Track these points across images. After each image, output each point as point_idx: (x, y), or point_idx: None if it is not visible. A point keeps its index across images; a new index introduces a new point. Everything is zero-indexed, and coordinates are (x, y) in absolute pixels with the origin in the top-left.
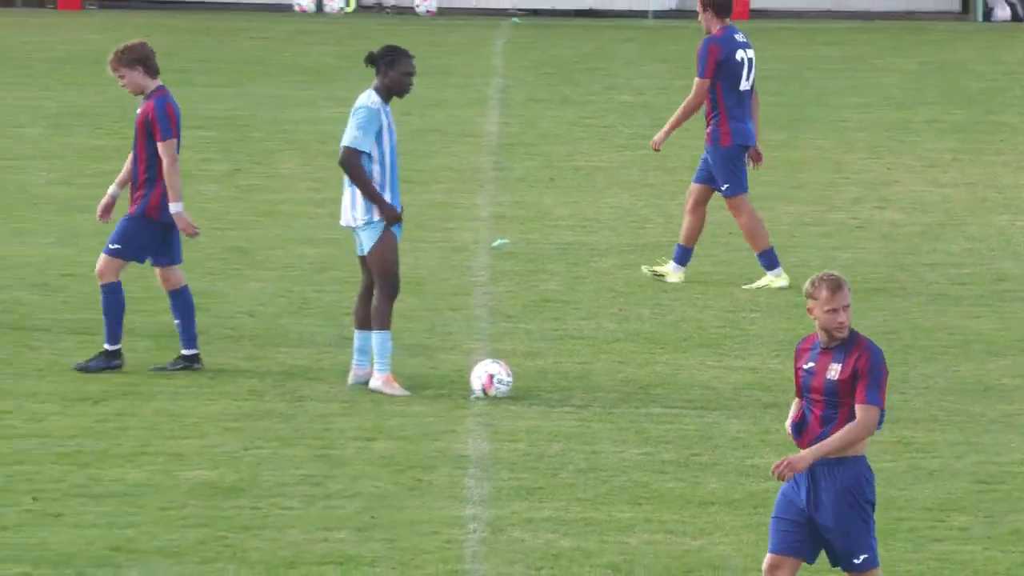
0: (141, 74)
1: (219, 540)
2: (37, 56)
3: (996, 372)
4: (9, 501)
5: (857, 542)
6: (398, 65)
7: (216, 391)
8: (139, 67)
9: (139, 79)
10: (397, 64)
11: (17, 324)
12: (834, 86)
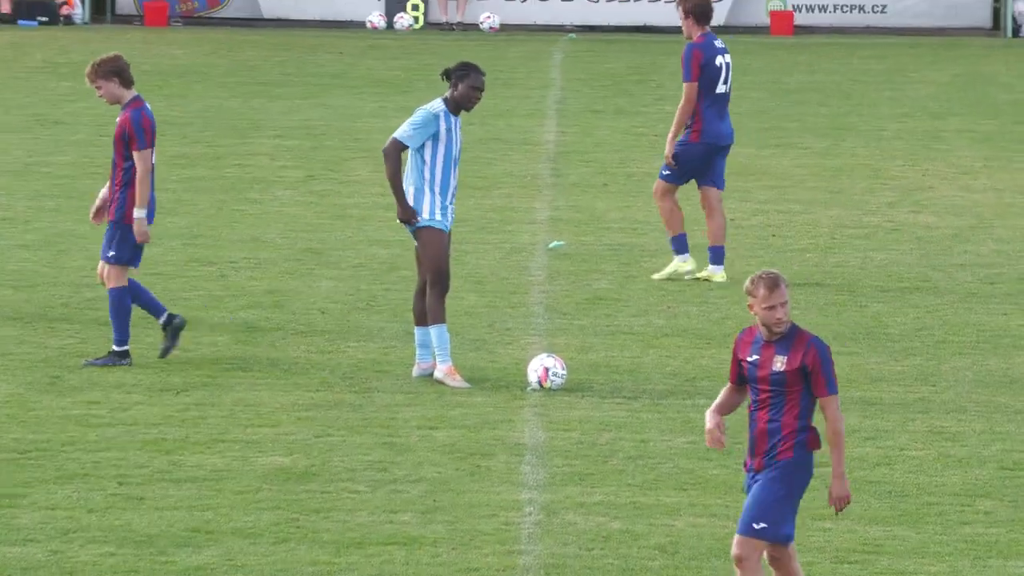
0: (117, 85)
1: (291, 522)
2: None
3: (1022, 366)
4: (96, 485)
5: (762, 509)
6: (467, 79)
7: (290, 382)
8: (115, 79)
9: (115, 90)
10: (467, 78)
11: (104, 320)
12: (873, 97)
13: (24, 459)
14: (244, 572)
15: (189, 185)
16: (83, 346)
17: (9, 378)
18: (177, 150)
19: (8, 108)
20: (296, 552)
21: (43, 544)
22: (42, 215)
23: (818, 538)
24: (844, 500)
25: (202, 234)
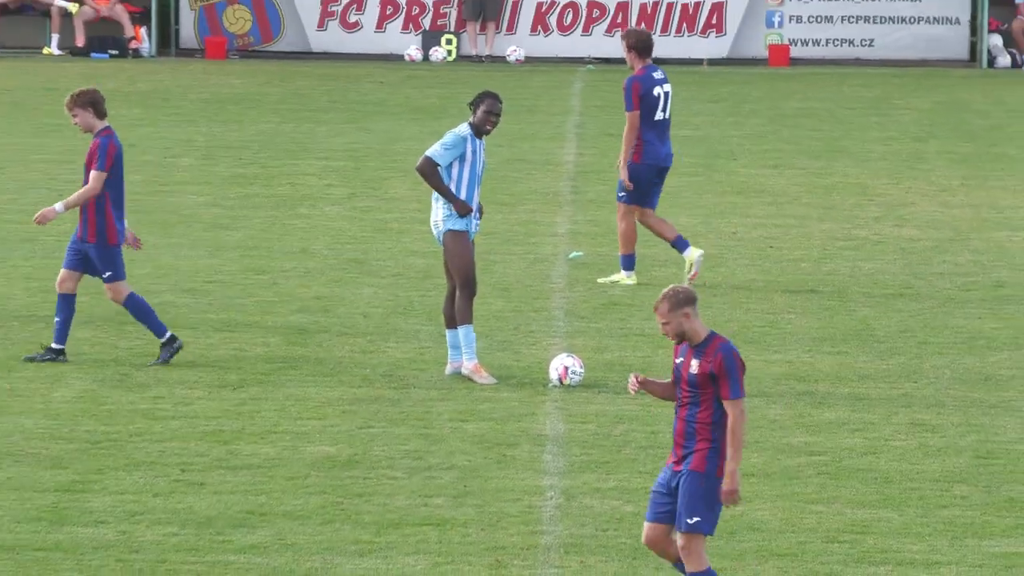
0: (91, 115)
1: (336, 505)
2: (189, 97)
3: (995, 364)
4: (161, 472)
5: (694, 508)
6: (483, 105)
7: (335, 379)
8: (90, 108)
9: (89, 119)
10: (482, 104)
11: (169, 323)
12: (861, 122)
13: (96, 449)
14: (294, 550)
15: (244, 202)
16: (149, 347)
17: (83, 375)
18: (233, 171)
19: (82, 135)
20: (340, 532)
21: (113, 525)
22: None
23: (810, 520)
24: (730, 495)
25: (256, 246)
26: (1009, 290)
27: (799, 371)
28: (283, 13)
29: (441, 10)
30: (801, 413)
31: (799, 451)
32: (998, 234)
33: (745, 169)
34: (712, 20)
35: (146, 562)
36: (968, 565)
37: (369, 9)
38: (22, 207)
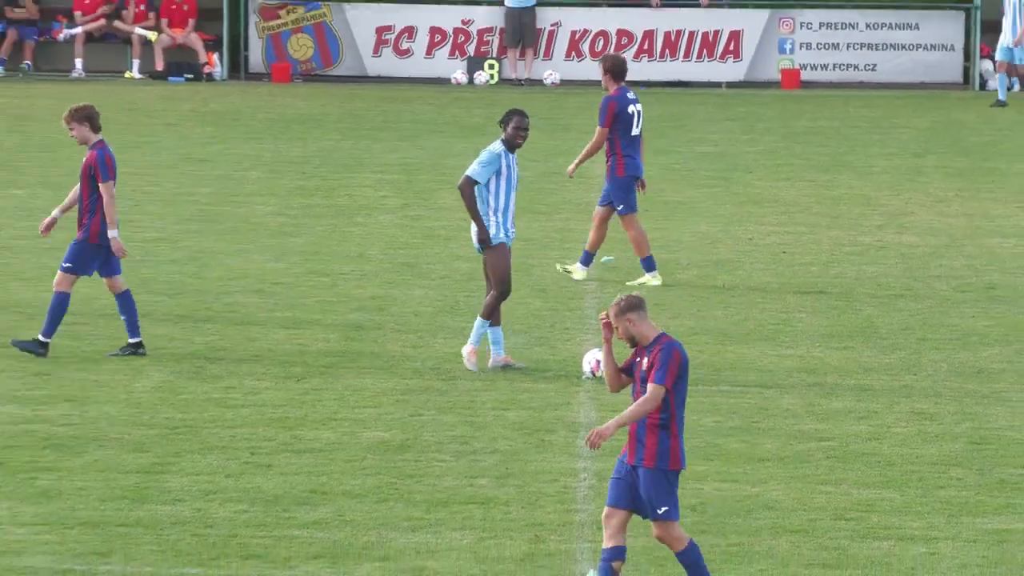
0: (87, 129)
1: (390, 485)
2: (257, 117)
3: (987, 359)
4: (232, 455)
5: (659, 498)
6: (512, 122)
7: (389, 371)
8: (86, 123)
9: (85, 132)
10: (511, 122)
11: (239, 321)
12: (865, 140)
13: (174, 434)
14: (352, 526)
15: (307, 211)
16: (222, 342)
17: (162, 368)
18: (297, 183)
19: (160, 149)
20: (394, 509)
21: (189, 503)
22: (188, 236)
23: (820, 499)
24: (598, 435)
25: (317, 251)
26: (1000, 291)
27: (809, 364)
28: (342, 41)
29: (484, 38)
30: (811, 403)
31: (809, 437)
32: (990, 241)
33: (760, 181)
34: (730, 47)
35: (219, 536)
36: (963, 540)
37: (419, 37)
38: None
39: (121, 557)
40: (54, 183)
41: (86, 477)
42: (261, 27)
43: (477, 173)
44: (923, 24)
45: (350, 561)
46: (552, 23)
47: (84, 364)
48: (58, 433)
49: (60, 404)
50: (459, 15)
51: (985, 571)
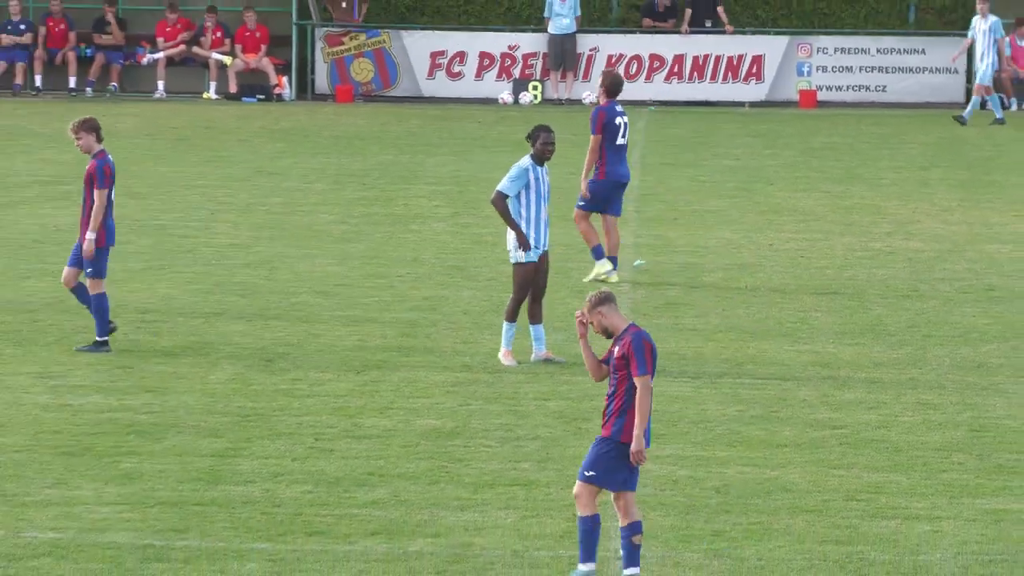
0: (93, 139)
1: (441, 468)
2: (323, 134)
3: (986, 354)
4: (298, 441)
5: (591, 465)
6: (540, 138)
7: (440, 365)
8: (93, 133)
9: (91, 142)
10: (538, 139)
11: (305, 319)
12: (875, 154)
13: (245, 422)
14: (406, 506)
15: (366, 220)
16: (290, 338)
17: (235, 362)
18: (358, 194)
19: (235, 163)
20: (445, 490)
21: (259, 484)
22: (260, 242)
23: (833, 482)
24: (636, 455)
25: (376, 256)
26: (998, 293)
27: (824, 359)
28: (399, 65)
29: (529, 62)
30: (825, 394)
31: (824, 425)
32: (989, 247)
33: (779, 192)
34: (752, 70)
35: (285, 515)
36: (964, 520)
37: (470, 61)
38: (186, 224)
39: (197, 533)
40: (136, 193)
41: (165, 460)
42: (326, 52)
43: (507, 187)
44: (929, 49)
45: (404, 537)
46: (591, 48)
47: (163, 358)
48: (140, 421)
49: (142, 394)
50: (506, 41)
51: (984, 547)
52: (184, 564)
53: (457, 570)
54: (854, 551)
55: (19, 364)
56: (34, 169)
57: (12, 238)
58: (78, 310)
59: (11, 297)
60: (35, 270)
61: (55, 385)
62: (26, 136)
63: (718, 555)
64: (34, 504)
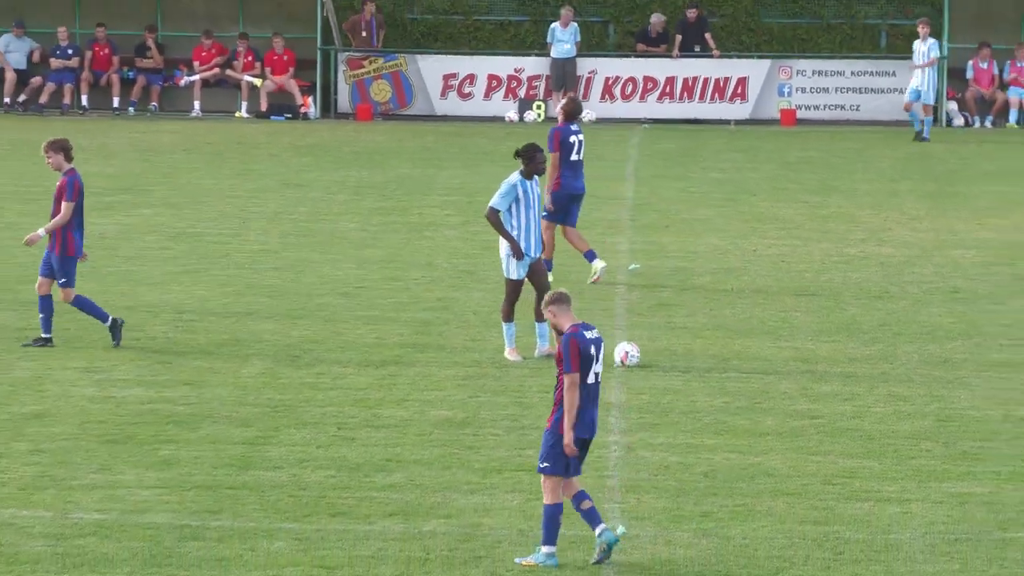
0: (62, 158)
1: (453, 455)
2: (344, 149)
3: (951, 350)
4: (322, 430)
5: (543, 456)
6: (535, 159)
7: (451, 360)
8: (61, 152)
9: (60, 160)
10: (534, 158)
11: (328, 318)
12: (850, 168)
13: (274, 412)
14: (422, 489)
15: (385, 228)
16: (314, 335)
17: (265, 357)
18: (377, 204)
19: (265, 176)
20: (456, 475)
21: (286, 470)
22: (287, 248)
23: (812, 467)
24: (566, 447)
25: (392, 260)
26: (962, 294)
27: (803, 355)
28: (415, 86)
29: (533, 83)
30: (804, 386)
31: (803, 415)
32: (954, 252)
33: (762, 202)
34: (737, 90)
35: (310, 497)
36: (931, 502)
37: (479, 83)
38: (220, 231)
39: (230, 514)
40: (173, 204)
41: (200, 448)
42: (348, 75)
43: (498, 203)
44: (899, 72)
45: (419, 518)
46: (590, 71)
47: (199, 354)
48: (178, 411)
49: (179, 387)
50: (512, 64)
51: (950, 527)
52: (218, 542)
53: (467, 548)
54: (831, 531)
55: (67, 360)
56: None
57: None
58: (123, 310)
59: (60, 299)
60: (81, 273)
61: (100, 379)
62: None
63: (706, 534)
64: (81, 488)
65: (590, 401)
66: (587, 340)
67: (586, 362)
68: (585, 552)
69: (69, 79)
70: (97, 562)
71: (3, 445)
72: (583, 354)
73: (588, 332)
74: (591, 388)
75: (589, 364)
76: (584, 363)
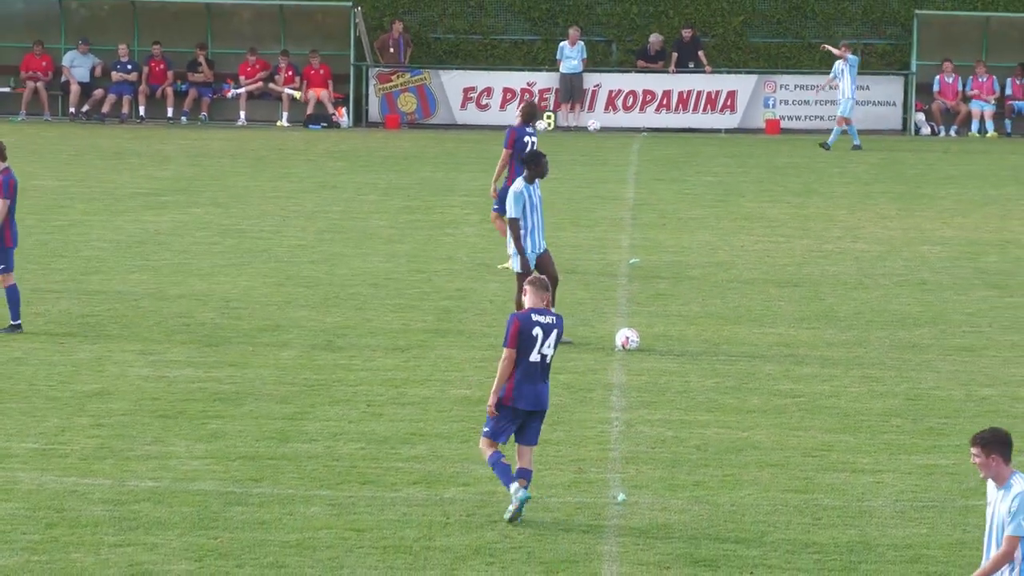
0: None
1: (471, 429)
2: (375, 155)
3: (919, 336)
4: (353, 407)
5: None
6: (542, 165)
7: (470, 344)
8: None
9: None
10: (540, 164)
11: (359, 306)
12: (829, 172)
13: (309, 390)
14: (443, 460)
15: (410, 225)
16: (347, 322)
17: (302, 342)
18: (403, 203)
19: (302, 179)
20: (473, 448)
21: (320, 443)
22: (322, 243)
23: (793, 441)
24: (488, 408)
25: (418, 255)
26: (929, 286)
27: (785, 340)
28: (437, 98)
29: (544, 95)
30: (787, 368)
31: (785, 395)
32: (922, 248)
33: (749, 203)
34: (727, 102)
35: (343, 467)
36: (901, 472)
37: (495, 95)
38: (261, 228)
39: (270, 482)
40: (222, 203)
41: (244, 422)
42: (378, 88)
43: (514, 212)
44: (872, 86)
45: (440, 486)
46: (595, 85)
47: (243, 338)
48: (224, 390)
49: (225, 368)
50: (525, 78)
51: (918, 496)
52: (259, 507)
53: (484, 513)
54: (810, 498)
55: (125, 343)
56: (138, 183)
57: (120, 239)
58: (175, 299)
59: (119, 288)
60: (138, 266)
61: (154, 360)
62: (131, 156)
63: (698, 501)
64: (136, 458)
65: (530, 377)
66: (532, 322)
67: (527, 341)
68: (589, 517)
69: (128, 91)
70: (151, 525)
71: (67, 420)
72: (522, 333)
73: (540, 316)
74: (532, 366)
75: (532, 344)
76: (524, 342)
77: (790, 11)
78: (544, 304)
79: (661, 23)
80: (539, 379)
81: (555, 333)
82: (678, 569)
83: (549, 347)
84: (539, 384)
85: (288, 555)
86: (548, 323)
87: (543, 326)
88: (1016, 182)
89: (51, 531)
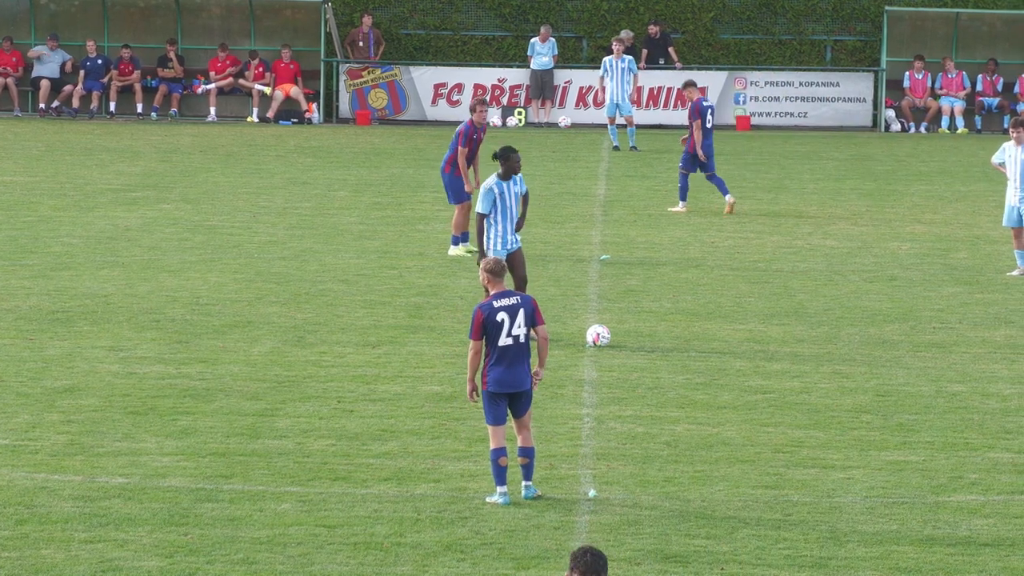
0: None
1: (441, 426)
2: (346, 151)
3: (888, 332)
4: (324, 404)
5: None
6: (515, 160)
7: (441, 340)
8: None
9: None
10: (513, 159)
11: (329, 302)
12: (799, 168)
13: (280, 387)
14: (413, 456)
15: (380, 221)
16: (317, 318)
17: (273, 338)
18: (374, 199)
19: (272, 175)
20: (444, 444)
21: (291, 439)
22: (293, 239)
23: (764, 437)
24: (468, 397)
25: (388, 251)
26: (899, 282)
27: (756, 336)
28: (408, 94)
29: (515, 92)
30: (757, 365)
31: (756, 391)
32: (891, 244)
33: (720, 199)
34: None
35: (313, 463)
36: (871, 468)
37: (466, 91)
38: (232, 224)
39: (240, 479)
40: (192, 199)
41: (215, 419)
42: (348, 84)
43: (482, 208)
44: (842, 83)
45: (411, 482)
46: (565, 81)
47: (214, 334)
48: (194, 386)
49: (195, 364)
50: (496, 75)
51: (888, 491)
52: (230, 504)
53: (455, 510)
54: (780, 494)
55: (95, 339)
56: (108, 179)
57: (90, 236)
58: (145, 295)
59: (89, 284)
60: (108, 262)
61: (125, 356)
62: (101, 152)
63: (669, 497)
64: (106, 454)
65: (504, 361)
66: (494, 309)
67: (493, 328)
68: (560, 513)
69: (98, 87)
70: (121, 521)
71: (37, 416)
72: (486, 323)
73: (503, 300)
74: (505, 350)
75: (499, 329)
76: (491, 329)
77: (760, 7)
78: (505, 286)
79: (631, 19)
80: (515, 362)
81: (522, 313)
82: (649, 565)
83: (519, 327)
84: (516, 367)
85: (259, 551)
86: (512, 304)
87: (507, 308)
88: (986, 178)
89: (21, 527)
